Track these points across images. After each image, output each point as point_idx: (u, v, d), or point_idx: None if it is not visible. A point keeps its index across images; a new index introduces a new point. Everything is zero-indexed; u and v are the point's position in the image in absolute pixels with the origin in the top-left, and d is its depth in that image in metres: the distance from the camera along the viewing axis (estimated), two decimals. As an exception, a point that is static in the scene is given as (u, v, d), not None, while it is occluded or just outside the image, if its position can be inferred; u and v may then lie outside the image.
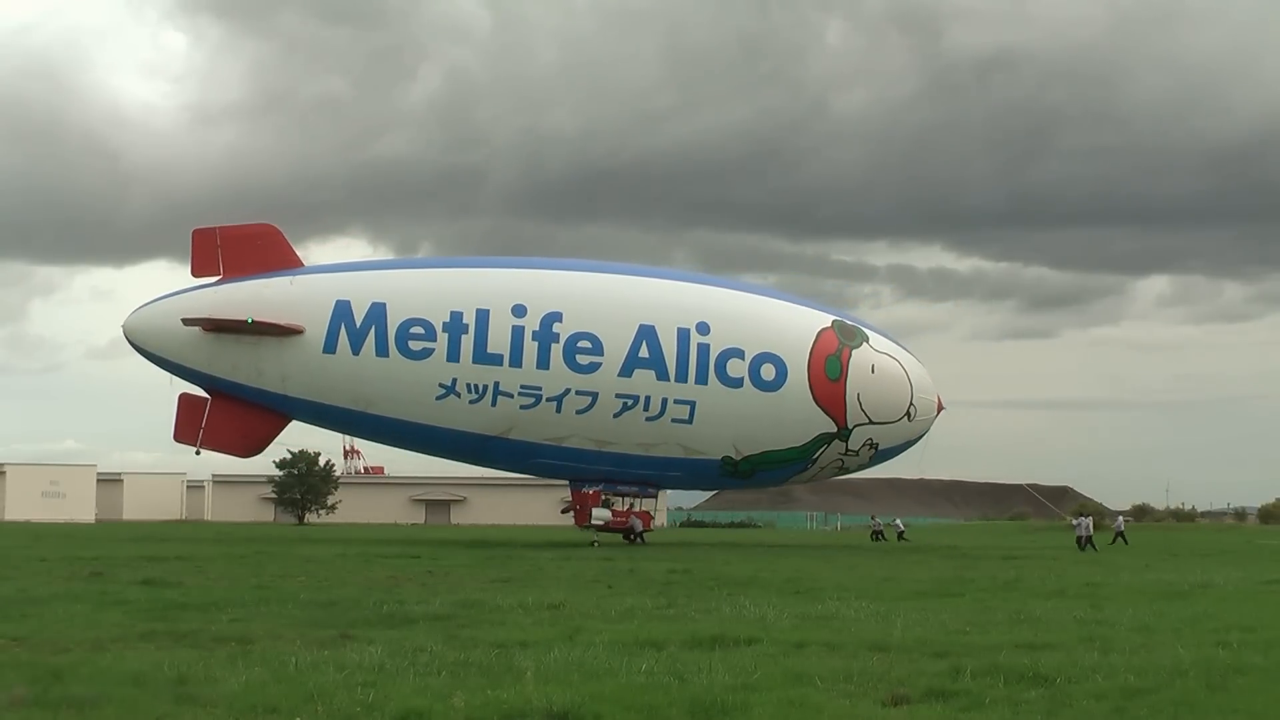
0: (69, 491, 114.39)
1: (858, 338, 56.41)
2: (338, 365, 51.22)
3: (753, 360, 53.60)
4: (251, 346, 51.11)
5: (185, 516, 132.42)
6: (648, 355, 52.42)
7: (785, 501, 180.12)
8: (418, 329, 51.23)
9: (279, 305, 51.24)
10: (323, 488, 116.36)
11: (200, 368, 51.73)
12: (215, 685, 13.51)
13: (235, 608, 21.80)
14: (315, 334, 51.03)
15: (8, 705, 12.31)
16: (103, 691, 12.93)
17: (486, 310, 51.54)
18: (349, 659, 15.35)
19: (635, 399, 52.49)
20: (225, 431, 52.40)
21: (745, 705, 12.81)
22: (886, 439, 57.53)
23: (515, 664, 15.08)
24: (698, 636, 17.93)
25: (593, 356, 52.01)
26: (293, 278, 52.18)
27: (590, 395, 52.11)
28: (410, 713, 12.22)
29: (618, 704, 12.67)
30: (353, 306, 51.19)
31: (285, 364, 51.29)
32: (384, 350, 51.09)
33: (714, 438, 53.96)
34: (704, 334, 53.07)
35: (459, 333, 51.30)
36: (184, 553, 41.25)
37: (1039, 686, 14.24)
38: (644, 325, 52.49)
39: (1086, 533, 60.03)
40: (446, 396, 51.54)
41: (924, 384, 58.37)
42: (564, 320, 51.91)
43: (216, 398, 52.04)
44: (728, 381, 53.24)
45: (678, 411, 52.94)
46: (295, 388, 51.68)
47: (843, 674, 14.72)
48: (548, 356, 51.63)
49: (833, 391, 55.00)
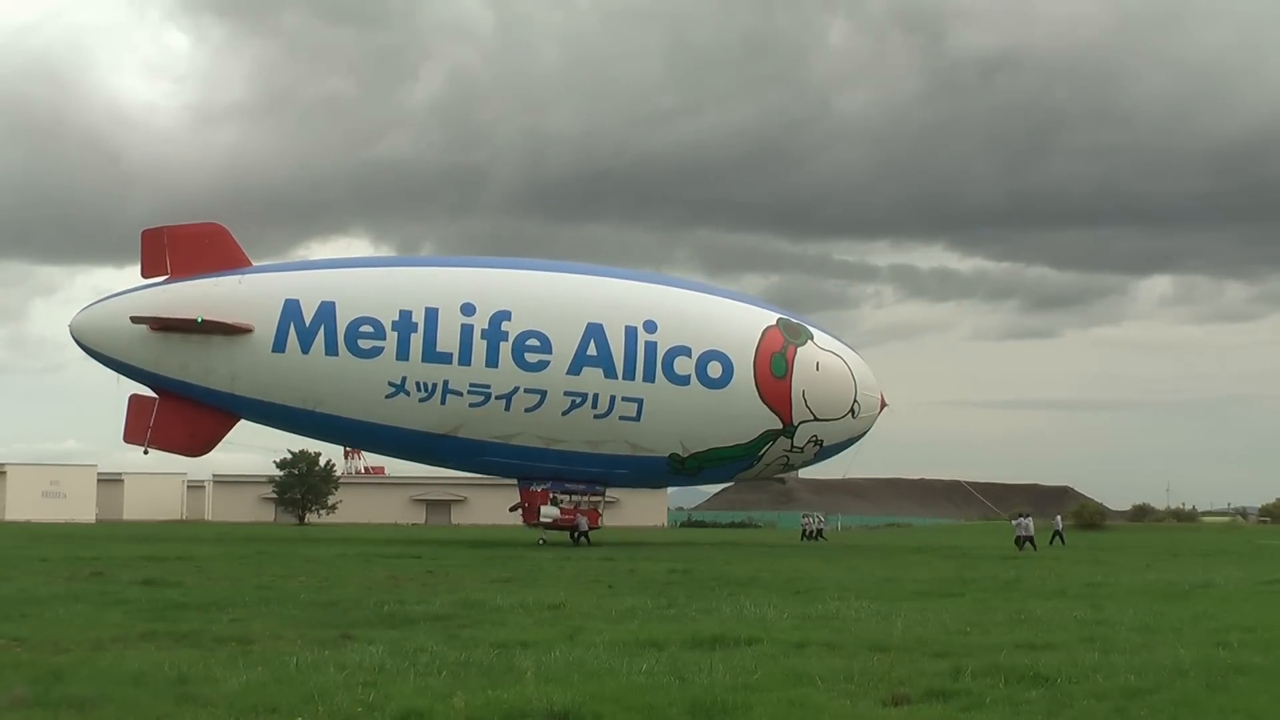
0: (70, 491, 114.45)
1: (802, 335, 57.02)
2: (287, 364, 51.20)
3: (699, 358, 54.05)
4: (200, 346, 50.99)
5: (186, 516, 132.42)
6: (596, 353, 52.75)
7: (786, 501, 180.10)
8: (367, 328, 51.28)
9: (228, 304, 51.14)
10: (323, 488, 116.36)
11: (148, 367, 51.59)
12: (216, 685, 13.51)
13: (236, 608, 21.80)
14: (264, 333, 50.98)
15: (8, 705, 12.31)
16: (103, 691, 12.93)
17: (435, 309, 51.67)
18: (350, 659, 15.35)
19: (583, 397, 52.80)
20: (173, 431, 52.23)
21: (746, 705, 12.81)
22: (830, 435, 58.18)
23: (516, 664, 15.08)
24: (698, 636, 17.93)
25: (541, 355, 52.26)
26: (241, 277, 52.09)
27: (539, 393, 52.40)
28: (411, 713, 12.23)
29: (618, 704, 12.67)
30: (302, 305, 51.18)
31: (234, 363, 51.20)
32: (333, 349, 51.14)
33: (661, 435, 54.40)
34: (651, 332, 53.49)
35: (408, 331, 51.41)
36: (184, 553, 41.25)
37: (1039, 686, 14.24)
38: (592, 324, 52.80)
39: (1027, 533, 60.48)
40: (396, 395, 51.68)
41: (867, 381, 59.03)
42: (513, 319, 52.13)
43: (164, 397, 51.86)
44: (675, 379, 53.66)
45: (625, 409, 53.37)
46: (244, 387, 51.63)
47: (843, 674, 14.72)
48: (497, 355, 51.87)
49: (778, 389, 55.59)
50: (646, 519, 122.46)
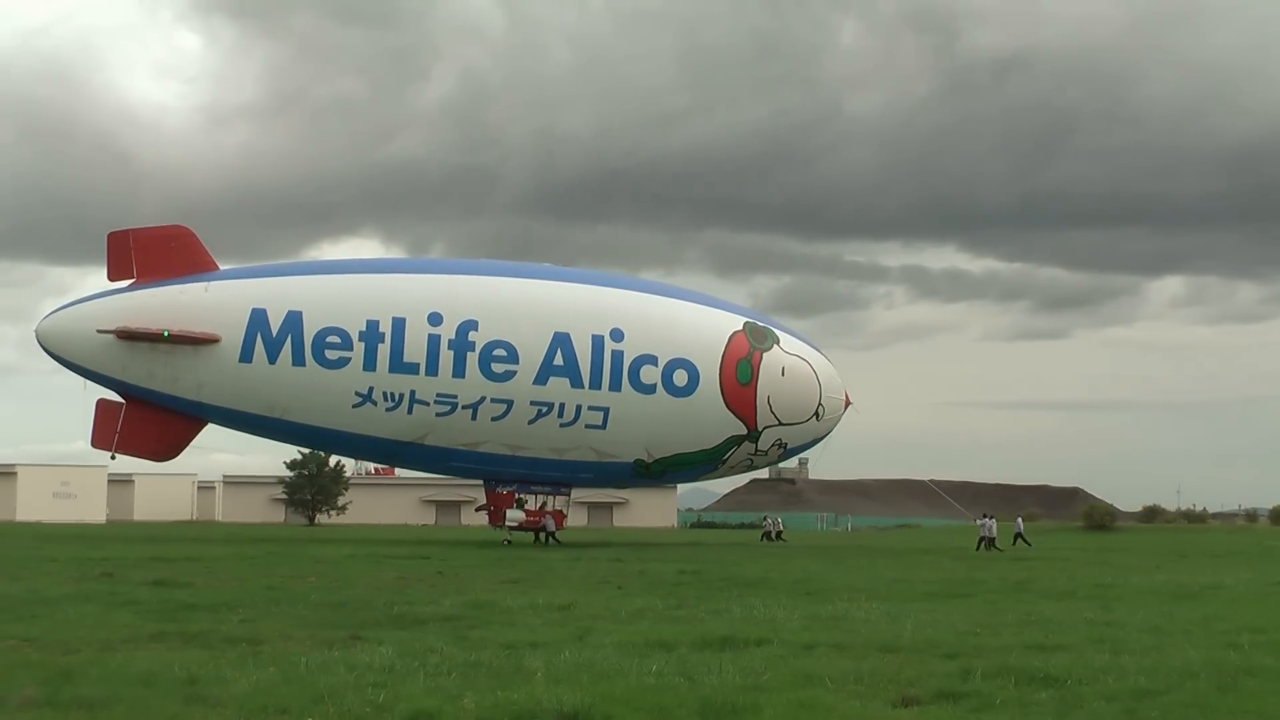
0: (80, 492, 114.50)
1: (768, 340, 57.14)
2: (254, 374, 51.11)
3: (666, 366, 54.28)
4: (166, 355, 50.81)
5: (196, 517, 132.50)
6: (562, 363, 52.90)
7: (795, 503, 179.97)
8: (334, 338, 51.26)
9: (194, 313, 50.99)
10: (333, 488, 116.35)
11: (114, 374, 51.34)
12: (225, 686, 13.52)
13: (245, 608, 21.82)
14: (231, 343, 50.83)
15: (18, 705, 12.34)
16: (113, 692, 12.95)
17: (403, 319, 51.67)
18: (359, 660, 15.36)
19: (550, 406, 52.97)
20: (141, 436, 52.10)
21: (755, 706, 12.81)
22: (794, 438, 58.67)
23: (525, 665, 15.08)
24: (708, 637, 17.92)
25: (508, 365, 52.36)
26: (208, 284, 51.84)
27: (505, 403, 52.54)
28: (420, 713, 12.23)
29: (628, 705, 12.67)
30: (269, 315, 51.04)
31: (200, 372, 51.07)
32: (300, 359, 51.08)
33: (626, 442, 54.69)
34: (618, 341, 53.67)
35: (375, 342, 51.40)
36: (194, 553, 41.29)
37: (1049, 688, 14.23)
38: (559, 333, 52.91)
39: (990, 534, 60.45)
40: (363, 405, 51.78)
41: (832, 384, 59.21)
42: (480, 328, 52.20)
43: (131, 403, 51.68)
44: (641, 388, 53.86)
45: (591, 418, 53.55)
46: (210, 395, 51.50)
47: (853, 675, 14.71)
48: (463, 365, 51.97)
49: (743, 395, 55.85)
50: (656, 520, 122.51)
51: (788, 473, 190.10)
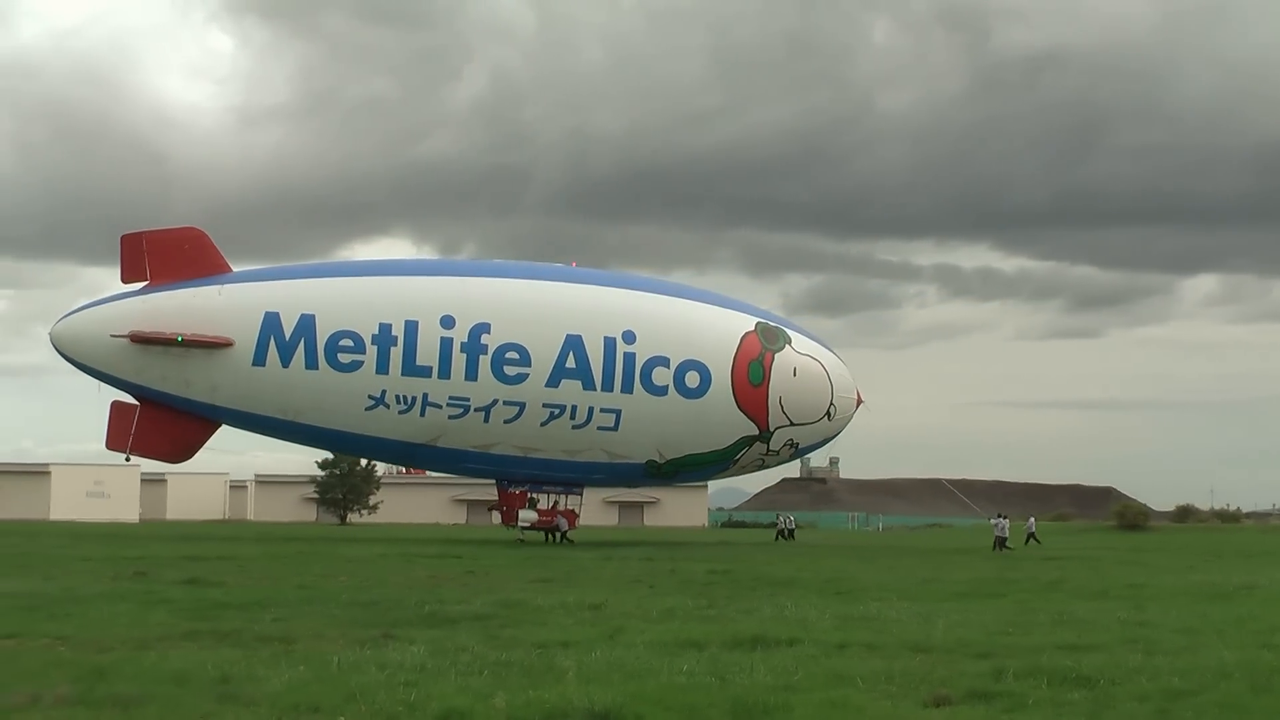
0: (113, 491, 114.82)
1: (780, 340, 57.14)
2: (267, 377, 51.18)
3: (678, 368, 54.31)
4: (180, 358, 50.88)
5: (228, 516, 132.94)
6: (574, 365, 52.95)
7: (826, 502, 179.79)
8: (347, 341, 51.32)
9: (207, 317, 51.06)
10: (364, 488, 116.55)
11: (129, 377, 51.47)
12: (258, 684, 13.56)
13: (278, 607, 21.88)
14: (244, 347, 50.90)
15: (53, 704, 12.39)
16: (146, 690, 13.00)
17: (415, 322, 51.70)
18: (391, 658, 15.39)
19: (562, 409, 53.04)
20: (155, 438, 52.21)
21: (787, 706, 12.79)
22: (806, 438, 58.78)
23: (556, 664, 15.09)
24: (739, 637, 17.91)
25: (520, 368, 52.39)
26: (221, 287, 51.86)
27: (518, 405, 52.59)
28: (452, 712, 12.24)
29: (659, 704, 12.66)
30: (281, 319, 51.13)
31: (214, 376, 51.11)
32: (313, 363, 51.13)
33: (638, 443, 54.80)
34: (630, 343, 53.71)
35: (388, 345, 51.47)
36: (227, 552, 41.41)
37: (1082, 688, 14.18)
38: (571, 335, 52.94)
39: (1003, 534, 60.37)
40: (376, 407, 51.86)
41: (844, 383, 59.22)
42: (492, 331, 52.26)
43: (145, 405, 51.80)
44: (653, 390, 53.91)
45: (603, 420, 53.62)
46: (224, 398, 51.59)
47: (884, 675, 14.69)
48: (476, 368, 52.02)
49: (755, 396, 55.89)
50: (687, 519, 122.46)
51: (819, 472, 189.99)
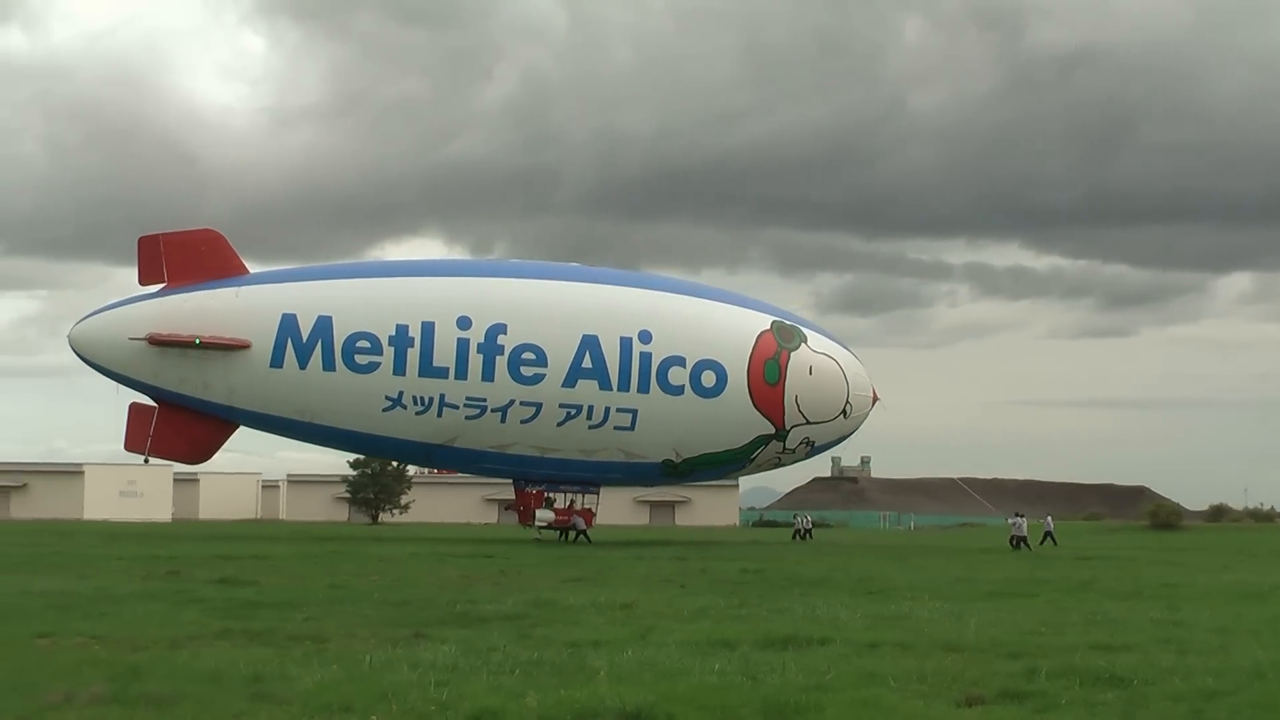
0: (146, 491, 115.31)
1: (796, 339, 57.08)
2: (284, 379, 51.29)
3: (694, 367, 54.28)
4: (197, 360, 51.01)
5: (260, 516, 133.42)
6: (591, 365, 52.97)
7: (858, 501, 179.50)
8: (364, 343, 51.40)
9: (224, 318, 51.20)
10: (396, 487, 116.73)
11: (147, 380, 51.65)
12: (290, 683, 13.59)
13: (310, 607, 21.94)
14: (261, 349, 51.01)
15: (87, 702, 12.45)
16: (179, 689, 13.05)
17: (432, 323, 51.76)
18: (423, 658, 15.42)
19: (578, 408, 53.07)
20: (173, 440, 52.43)
21: (818, 705, 12.77)
22: (822, 436, 58.60)
23: (588, 663, 15.10)
24: (770, 636, 17.90)
25: (537, 368, 52.43)
26: (238, 289, 52.01)
27: (534, 406, 52.63)
28: (484, 712, 12.25)
29: (691, 704, 12.66)
30: (299, 320, 51.23)
31: (231, 378, 51.25)
32: (330, 364, 51.22)
33: (655, 443, 54.81)
34: (646, 342, 53.70)
35: (405, 346, 51.54)
36: (259, 552, 41.53)
37: (1115, 688, 14.12)
38: (587, 335, 52.97)
39: (1021, 533, 60.38)
40: (393, 409, 51.95)
41: (860, 381, 59.16)
42: (508, 332, 52.30)
43: (163, 406, 52.00)
44: (669, 389, 53.89)
45: (620, 419, 53.64)
46: (241, 400, 51.76)
47: (916, 674, 14.66)
48: (493, 369, 52.06)
49: (771, 395, 55.79)
50: (718, 519, 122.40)
51: (850, 471, 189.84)
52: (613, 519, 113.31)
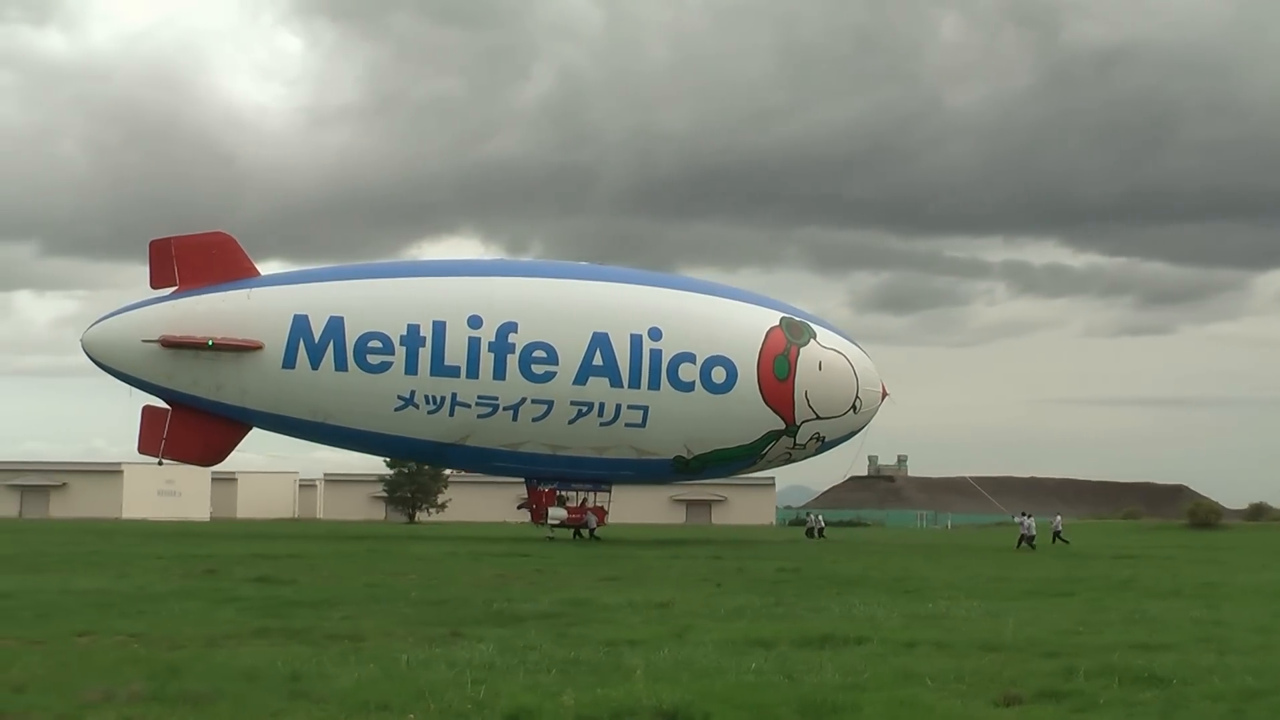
0: (185, 490, 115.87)
1: (805, 335, 57.30)
2: (297, 379, 51.64)
3: (704, 364, 54.57)
4: (210, 362, 51.36)
5: (297, 515, 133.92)
6: (601, 363, 53.32)
7: (895, 500, 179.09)
8: (375, 343, 51.75)
9: (237, 320, 51.54)
10: (433, 486, 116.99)
11: (160, 382, 52.05)
12: (327, 682, 13.62)
13: (347, 605, 21.99)
14: (274, 349, 51.38)
15: (126, 700, 12.49)
16: (217, 687, 13.08)
17: (443, 322, 52.10)
18: (459, 656, 15.43)
19: (590, 406, 53.40)
20: (187, 442, 52.87)
21: (855, 705, 12.73)
22: (832, 432, 58.72)
23: (624, 662, 15.09)
24: (807, 635, 17.86)
25: (548, 366, 52.78)
26: (250, 290, 52.35)
27: (546, 403, 52.96)
28: (520, 710, 12.24)
29: (727, 703, 12.63)
30: (310, 321, 51.60)
31: (244, 379, 51.60)
32: (342, 364, 51.58)
33: (666, 440, 55.10)
34: (656, 339, 54.03)
35: (416, 345, 51.87)
36: (296, 551, 41.65)
37: (1154, 688, 14.04)
38: (597, 333, 53.31)
39: (1029, 532, 60.40)
40: (405, 408, 52.29)
41: (869, 376, 59.32)
42: (519, 330, 52.63)
43: (177, 409, 52.35)
44: (679, 386, 54.20)
45: (631, 416, 53.96)
46: (254, 401, 52.12)
47: (954, 674, 14.60)
48: (504, 367, 52.43)
49: (781, 390, 56.03)
50: (754, 518, 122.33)
51: (887, 470, 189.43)
52: (649, 518, 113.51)
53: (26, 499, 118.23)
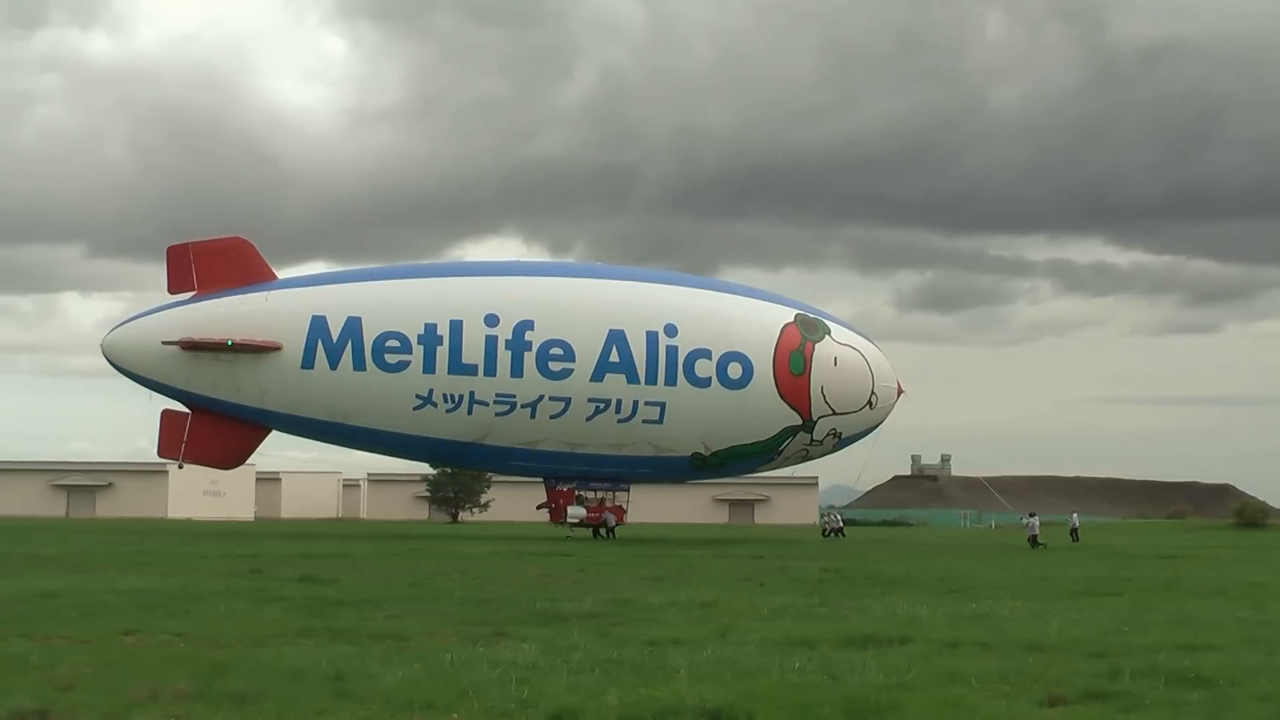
0: (229, 490, 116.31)
1: (819, 331, 57.55)
2: (315, 380, 51.97)
3: (720, 360, 54.80)
4: (229, 364, 51.68)
5: (341, 514, 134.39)
6: (618, 359, 53.56)
7: (938, 500, 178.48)
8: (393, 342, 52.06)
9: (255, 322, 51.86)
10: (476, 486, 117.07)
11: (179, 385, 52.34)
12: (372, 681, 13.66)
13: (390, 605, 22.04)
14: (293, 350, 51.69)
15: (172, 699, 12.56)
16: (263, 686, 13.13)
17: (460, 321, 52.38)
18: (503, 656, 15.45)
19: (607, 402, 53.64)
20: (207, 445, 53.19)
21: (899, 705, 12.70)
22: (849, 427, 58.88)
23: (668, 662, 15.08)
24: (850, 635, 17.83)
25: (565, 363, 53.06)
26: (268, 293, 52.73)
27: (563, 400, 53.19)
28: (564, 710, 12.25)
29: (771, 703, 12.61)
30: (328, 322, 51.92)
31: (263, 380, 51.92)
32: (361, 364, 51.88)
33: (683, 436, 55.29)
34: (672, 336, 54.29)
35: (434, 344, 52.15)
36: (340, 550, 41.80)
37: (1200, 688, 13.95)
38: (614, 330, 53.60)
39: (1034, 531, 60.86)
40: (423, 407, 52.55)
41: (884, 372, 59.51)
42: (536, 328, 52.92)
43: (196, 413, 52.65)
44: (696, 382, 54.42)
45: (648, 413, 54.17)
46: (273, 402, 52.44)
47: (998, 674, 14.54)
48: (521, 364, 52.68)
49: (797, 386, 56.25)
50: (797, 517, 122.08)
51: (930, 469, 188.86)
52: (691, 517, 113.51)
53: (73, 499, 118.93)
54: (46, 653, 15.42)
